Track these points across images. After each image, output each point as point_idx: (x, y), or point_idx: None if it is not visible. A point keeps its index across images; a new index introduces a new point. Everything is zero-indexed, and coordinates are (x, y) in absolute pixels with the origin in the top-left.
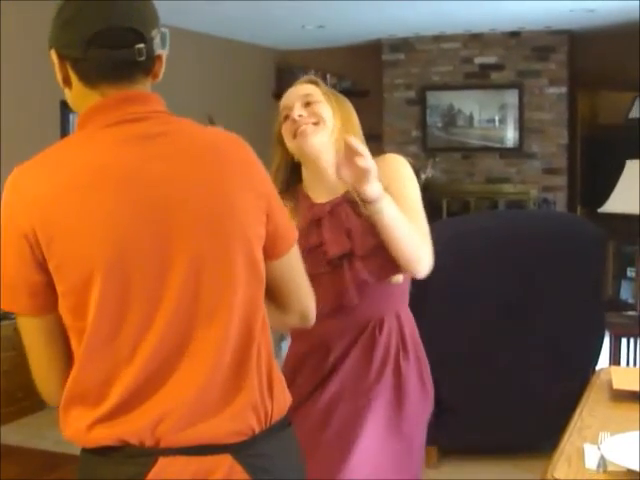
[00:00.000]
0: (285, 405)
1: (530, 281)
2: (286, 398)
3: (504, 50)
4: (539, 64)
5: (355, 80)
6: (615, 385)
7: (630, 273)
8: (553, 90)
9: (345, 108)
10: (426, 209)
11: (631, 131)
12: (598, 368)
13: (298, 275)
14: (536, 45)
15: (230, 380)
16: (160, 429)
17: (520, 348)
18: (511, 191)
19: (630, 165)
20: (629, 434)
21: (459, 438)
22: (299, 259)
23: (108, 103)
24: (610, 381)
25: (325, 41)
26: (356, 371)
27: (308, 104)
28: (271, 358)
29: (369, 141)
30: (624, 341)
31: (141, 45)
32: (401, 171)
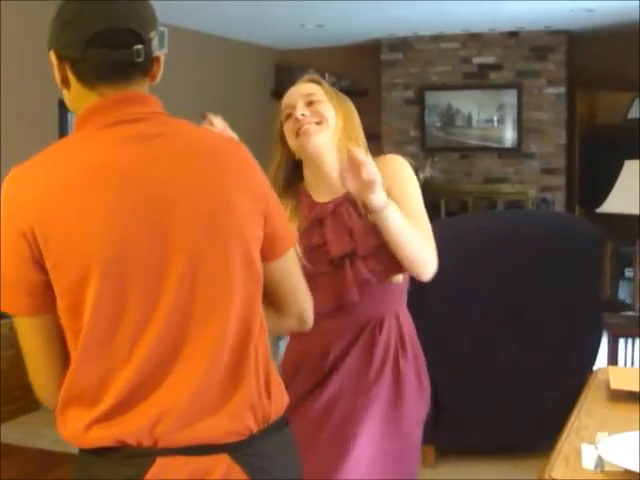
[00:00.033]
0: (283, 405)
1: (528, 281)
2: (284, 398)
3: (503, 50)
4: (538, 64)
5: (354, 79)
6: (613, 385)
7: (628, 273)
8: (552, 90)
9: (347, 108)
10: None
11: (630, 131)
12: (596, 368)
13: (295, 277)
14: (535, 45)
15: (228, 380)
16: (158, 429)
17: (518, 348)
18: (509, 191)
19: (629, 165)
20: (627, 434)
21: (458, 438)
22: (296, 262)
23: (106, 104)
24: (608, 381)
25: (324, 40)
26: (356, 370)
27: (311, 103)
28: (269, 359)
29: (368, 141)
30: (622, 341)
31: (139, 46)
32: (402, 172)
